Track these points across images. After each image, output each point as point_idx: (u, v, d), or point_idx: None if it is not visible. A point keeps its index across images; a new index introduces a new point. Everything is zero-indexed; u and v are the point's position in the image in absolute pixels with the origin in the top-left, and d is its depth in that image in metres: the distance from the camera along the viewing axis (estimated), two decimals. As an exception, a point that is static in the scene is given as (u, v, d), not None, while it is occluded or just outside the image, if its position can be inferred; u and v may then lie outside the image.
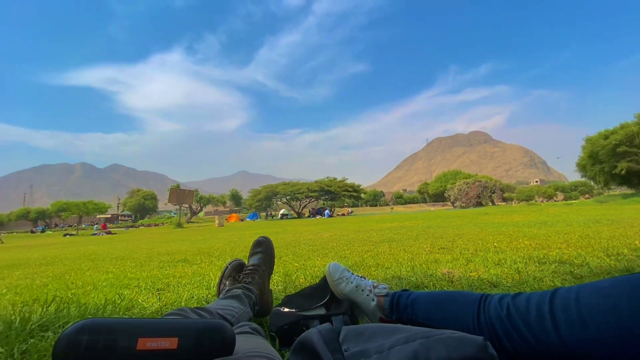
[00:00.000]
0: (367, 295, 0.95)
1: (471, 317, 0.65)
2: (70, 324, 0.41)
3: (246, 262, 1.23)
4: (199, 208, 47.74)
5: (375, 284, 0.98)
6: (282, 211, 37.75)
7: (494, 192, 32.98)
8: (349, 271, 1.05)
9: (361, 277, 1.04)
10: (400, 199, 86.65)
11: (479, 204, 30.81)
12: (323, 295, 1.06)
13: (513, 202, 50.20)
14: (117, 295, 1.59)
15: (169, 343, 0.40)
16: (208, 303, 1.20)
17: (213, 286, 1.70)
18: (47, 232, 36.46)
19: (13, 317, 1.15)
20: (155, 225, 38.53)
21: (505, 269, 1.68)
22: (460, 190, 34.68)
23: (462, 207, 30.97)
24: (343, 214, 32.79)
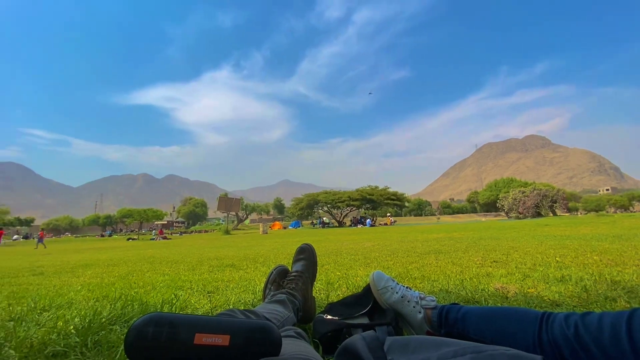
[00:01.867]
0: (414, 307, 0.92)
1: (531, 335, 0.60)
2: (137, 317, 0.46)
3: (290, 269, 1.26)
4: (245, 216, 49.85)
5: (422, 296, 0.95)
6: (323, 219, 37.95)
7: (555, 202, 29.91)
8: (393, 280, 1.02)
9: (407, 287, 1.01)
10: (448, 209, 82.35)
11: (538, 215, 28.11)
12: (365, 304, 1.05)
13: (579, 213, 45.17)
14: (173, 296, 1.72)
15: (222, 340, 0.43)
16: (254, 307, 1.25)
17: (258, 291, 1.76)
18: (114, 236, 40.51)
19: (88, 312, 1.30)
20: (205, 231, 40.90)
21: (570, 287, 1.51)
22: (515, 199, 32.01)
23: (518, 218, 28.50)
24: (385, 224, 32.04)
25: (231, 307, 1.49)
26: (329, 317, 1.02)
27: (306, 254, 1.26)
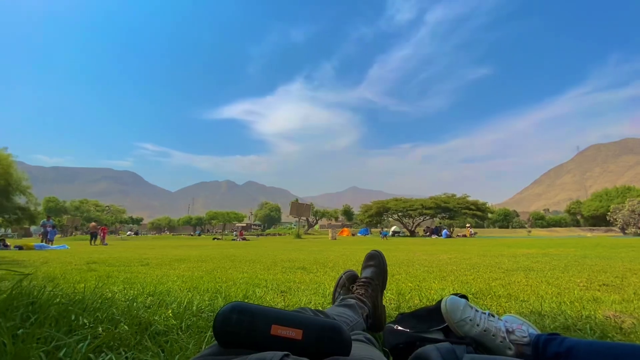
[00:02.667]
0: (501, 342, 0.78)
1: None
2: (223, 305, 0.52)
3: (359, 275, 1.25)
4: (315, 221, 51.28)
5: (510, 328, 0.80)
6: (393, 228, 36.63)
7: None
8: (471, 307, 0.88)
9: (489, 314, 0.86)
10: (541, 221, 71.83)
11: (668, 232, 22.60)
12: (441, 320, 0.97)
13: None
14: (252, 292, 1.86)
15: (295, 333, 0.46)
16: (324, 309, 1.28)
17: (328, 294, 1.79)
18: (202, 235, 45.64)
19: (182, 300, 1.49)
20: (279, 235, 43.24)
21: None
22: (634, 211, 26.32)
23: (638, 235, 23.32)
24: (464, 235, 29.41)
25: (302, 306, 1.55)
26: (399, 328, 0.98)
27: (376, 261, 1.24)
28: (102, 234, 16.63)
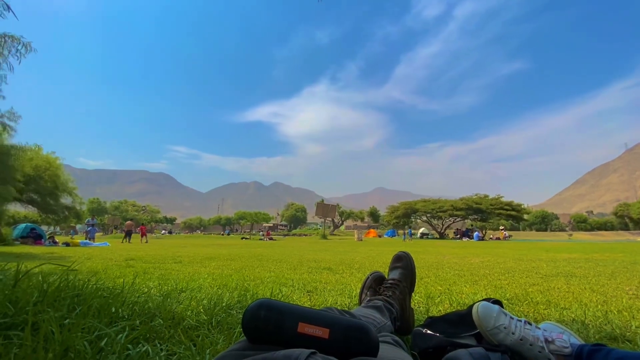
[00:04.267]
0: (539, 352, 0.72)
1: None
2: (251, 301, 0.53)
3: (386, 276, 1.23)
4: (340, 222, 51.14)
5: (549, 337, 0.75)
6: (421, 230, 35.66)
7: None
8: (505, 313, 0.83)
9: (525, 321, 0.81)
10: (584, 224, 66.95)
11: None
12: (473, 325, 0.93)
13: None
14: (278, 291, 1.89)
15: (322, 332, 0.46)
16: (350, 310, 1.27)
17: (354, 295, 1.78)
18: (231, 235, 47.00)
19: (212, 296, 1.54)
20: (305, 235, 43.57)
21: None
22: (693, 215, 23.87)
23: (699, 240, 21.15)
24: (498, 238, 28.07)
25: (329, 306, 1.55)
26: (429, 331, 0.95)
27: (404, 263, 1.21)
28: (142, 233, 17.84)
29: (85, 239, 14.78)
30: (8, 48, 5.18)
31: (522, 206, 34.12)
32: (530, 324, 0.80)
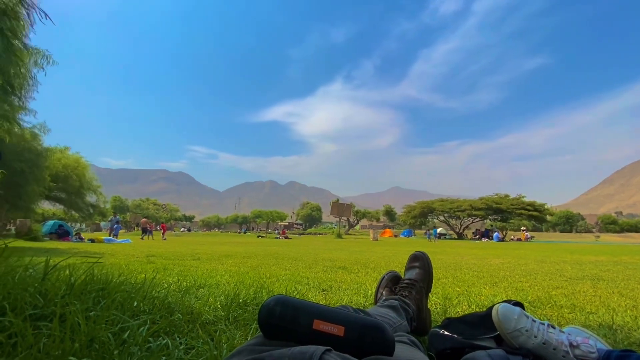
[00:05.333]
0: (563, 356, 0.69)
1: None
2: (266, 297, 0.53)
3: (402, 276, 1.21)
4: (356, 221, 50.93)
5: (574, 342, 0.71)
6: (439, 230, 35.01)
7: None
8: (527, 316, 0.80)
9: (548, 324, 0.77)
10: (612, 225, 63.86)
11: None
12: (492, 328, 0.91)
13: None
14: (294, 288, 1.90)
15: (337, 330, 0.46)
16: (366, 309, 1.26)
17: (370, 295, 1.76)
18: (247, 233, 47.67)
19: (229, 293, 1.57)
20: (320, 234, 43.64)
21: None
22: None
23: None
24: (519, 239, 27.19)
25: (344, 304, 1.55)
26: (446, 333, 0.93)
27: (421, 262, 1.19)
28: (163, 231, 18.55)
29: (109, 235, 15.37)
30: (35, 60, 5.46)
31: (545, 206, 32.89)
32: (553, 327, 0.77)
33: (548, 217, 35.10)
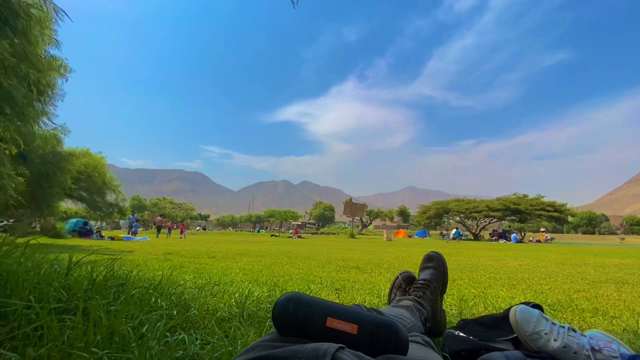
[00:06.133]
0: None
1: None
2: (280, 295, 0.54)
3: (416, 276, 1.20)
4: (369, 221, 50.61)
5: (596, 346, 0.68)
6: (454, 231, 34.34)
7: None
8: (547, 318, 0.77)
9: (569, 328, 0.74)
10: (638, 227, 61.11)
11: None
12: (510, 330, 0.88)
13: None
14: (307, 287, 1.91)
15: (350, 328, 0.46)
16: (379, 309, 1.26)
17: (383, 295, 1.75)
18: (261, 232, 48.14)
19: (244, 290, 1.59)
20: (333, 234, 43.59)
21: None
22: None
23: None
24: (538, 240, 26.38)
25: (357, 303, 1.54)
26: (461, 334, 0.91)
27: (435, 263, 1.17)
28: (181, 229, 19.28)
29: (129, 233, 15.84)
30: (56, 69, 5.68)
31: (566, 207, 31.76)
32: (574, 330, 0.74)
33: (569, 218, 33.84)
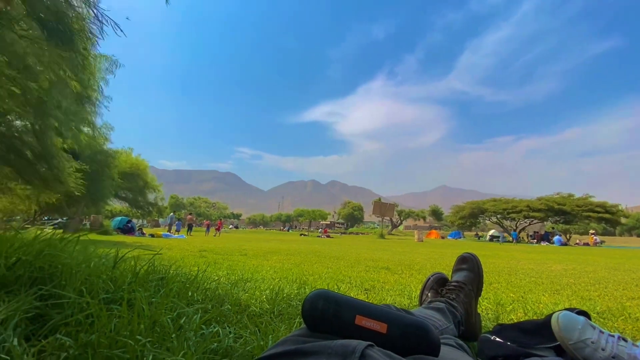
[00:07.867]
0: None
1: None
2: (309, 292, 0.55)
3: (449, 278, 1.16)
4: (399, 221, 49.57)
5: None
6: (491, 232, 32.68)
7: None
8: (594, 326, 0.72)
9: (619, 337, 0.69)
10: None
11: None
12: (552, 337, 0.83)
13: None
14: (335, 287, 1.91)
15: (380, 327, 0.45)
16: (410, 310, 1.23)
17: (415, 297, 1.71)
18: (291, 231, 48.85)
19: (274, 287, 1.63)
20: (362, 234, 43.21)
21: None
22: None
23: None
24: (586, 244, 24.42)
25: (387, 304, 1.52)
26: (498, 339, 0.87)
27: (469, 265, 1.13)
28: (217, 227, 20.37)
29: (168, 231, 16.75)
30: (104, 66, 6.18)
31: (619, 208, 29.10)
32: (625, 340, 0.68)
33: (622, 220, 30.95)
